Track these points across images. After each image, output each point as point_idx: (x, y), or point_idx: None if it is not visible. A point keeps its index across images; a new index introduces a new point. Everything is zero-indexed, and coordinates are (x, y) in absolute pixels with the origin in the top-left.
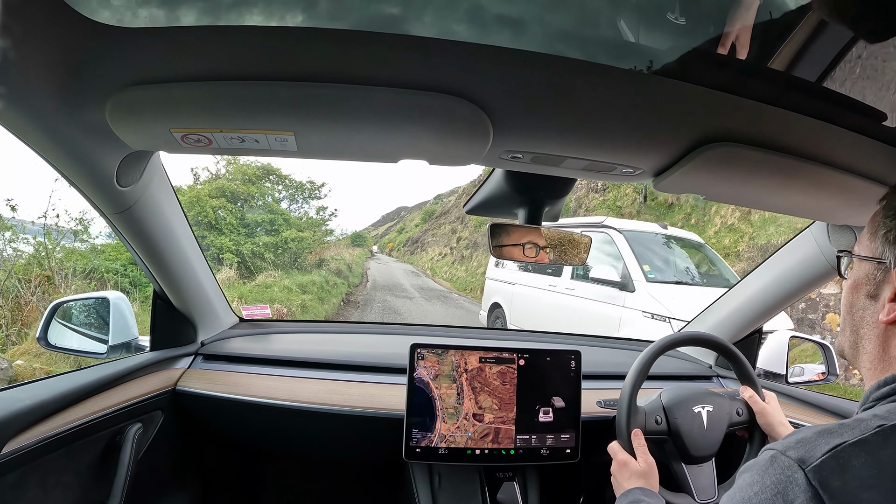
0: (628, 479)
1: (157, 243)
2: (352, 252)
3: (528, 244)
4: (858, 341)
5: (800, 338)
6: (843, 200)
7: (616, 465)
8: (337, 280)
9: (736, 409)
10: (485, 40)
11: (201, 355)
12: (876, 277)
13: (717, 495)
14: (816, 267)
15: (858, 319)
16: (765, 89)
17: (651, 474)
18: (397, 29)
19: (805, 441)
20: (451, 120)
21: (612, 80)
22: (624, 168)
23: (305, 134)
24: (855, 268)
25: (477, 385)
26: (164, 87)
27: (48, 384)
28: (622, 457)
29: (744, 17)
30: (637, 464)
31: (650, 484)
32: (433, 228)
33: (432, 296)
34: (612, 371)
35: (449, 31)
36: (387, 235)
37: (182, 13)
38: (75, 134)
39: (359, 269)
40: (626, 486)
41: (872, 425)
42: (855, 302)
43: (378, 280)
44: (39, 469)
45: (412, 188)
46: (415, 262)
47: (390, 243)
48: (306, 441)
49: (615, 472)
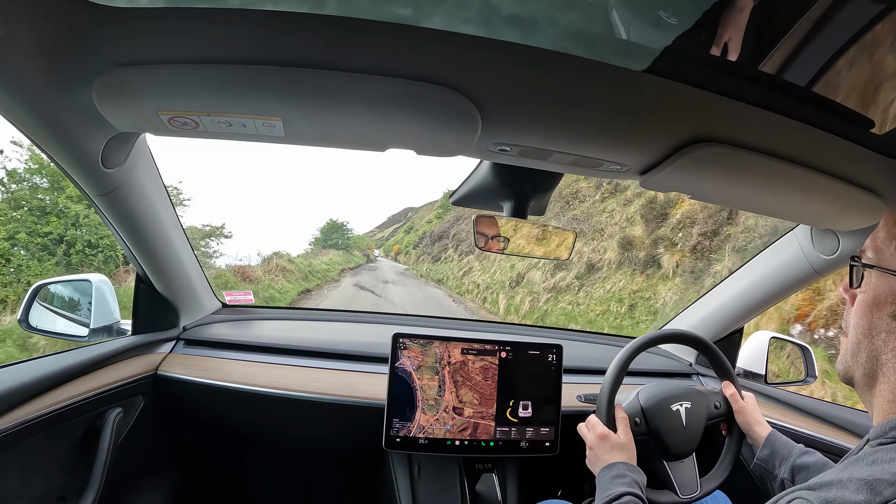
0: (609, 451)
1: (140, 226)
2: (322, 258)
3: (513, 238)
4: (878, 369)
5: (780, 339)
6: (829, 206)
7: (594, 438)
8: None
9: (714, 403)
10: (476, 32)
11: (183, 340)
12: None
13: (699, 489)
14: (799, 270)
15: (880, 344)
16: (755, 92)
17: (631, 449)
18: (389, 17)
19: (844, 502)
20: (440, 110)
21: (603, 77)
22: (611, 164)
23: (293, 119)
24: (875, 281)
25: (459, 378)
26: (153, 68)
27: (28, 367)
28: (601, 430)
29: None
30: (617, 436)
31: (630, 458)
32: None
33: None
34: (593, 365)
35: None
36: (393, 237)
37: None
38: (61, 113)
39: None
40: (608, 458)
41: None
42: (875, 323)
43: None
44: (19, 453)
45: (419, 188)
46: (442, 276)
47: (396, 245)
48: (286, 428)
49: (594, 446)
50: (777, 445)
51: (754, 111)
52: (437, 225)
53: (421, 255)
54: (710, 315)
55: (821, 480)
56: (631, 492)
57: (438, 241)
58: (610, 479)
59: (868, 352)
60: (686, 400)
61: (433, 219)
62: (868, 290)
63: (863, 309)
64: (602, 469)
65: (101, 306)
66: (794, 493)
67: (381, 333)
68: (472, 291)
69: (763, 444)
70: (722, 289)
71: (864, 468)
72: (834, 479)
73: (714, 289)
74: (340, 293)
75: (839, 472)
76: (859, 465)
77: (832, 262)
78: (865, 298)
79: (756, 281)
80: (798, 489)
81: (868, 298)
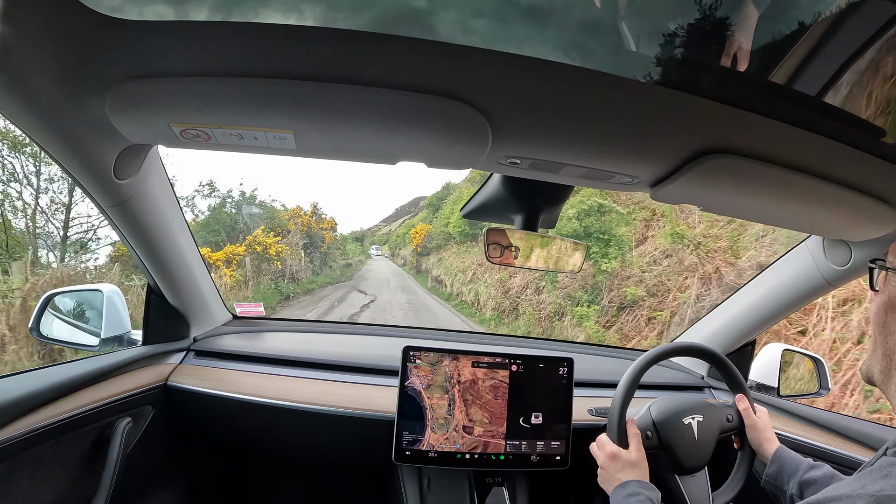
0: (621, 469)
1: (152, 237)
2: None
3: (525, 250)
4: (892, 367)
5: (793, 351)
6: (840, 215)
7: (605, 457)
8: None
9: (727, 416)
10: (486, 45)
11: (193, 351)
12: None
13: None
14: (811, 281)
15: (893, 343)
16: (765, 102)
17: (643, 465)
18: (399, 30)
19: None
20: (450, 123)
21: (613, 89)
22: (622, 177)
23: (304, 133)
24: (891, 282)
25: (469, 397)
26: (165, 80)
27: (39, 375)
28: (611, 448)
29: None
30: (628, 453)
31: (642, 475)
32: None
33: None
34: (604, 379)
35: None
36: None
37: (189, 8)
38: (75, 125)
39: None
40: (620, 477)
41: None
42: (890, 323)
43: None
44: (28, 461)
45: (430, 177)
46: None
47: (415, 231)
48: (296, 440)
49: (605, 466)
50: (785, 461)
51: (765, 122)
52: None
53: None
54: (722, 327)
55: (831, 494)
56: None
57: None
58: (623, 499)
59: (883, 350)
60: (698, 413)
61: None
62: (885, 291)
63: (880, 308)
64: (615, 488)
65: (111, 316)
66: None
67: (391, 346)
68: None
69: (771, 461)
70: (734, 301)
71: (877, 481)
72: (843, 494)
73: (726, 301)
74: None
75: (851, 484)
76: (872, 478)
77: (844, 272)
78: (882, 299)
79: (768, 292)
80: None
81: (884, 299)
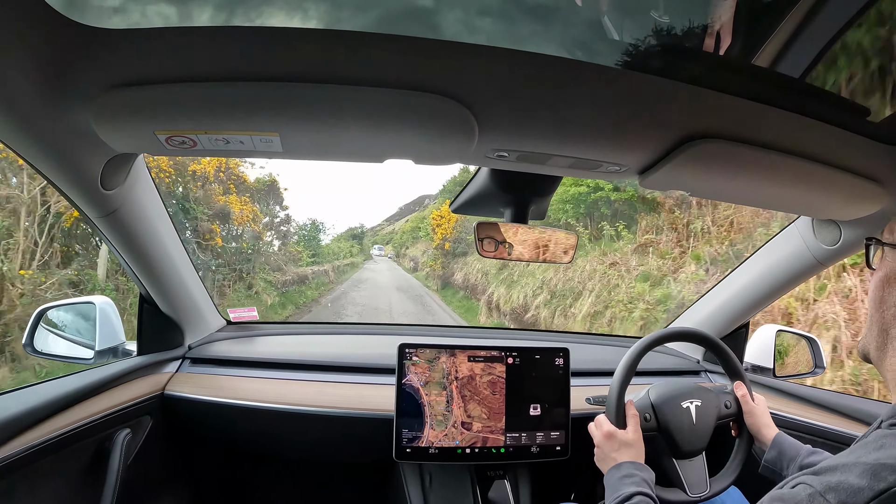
0: (617, 449)
1: (142, 246)
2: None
3: (515, 243)
4: (888, 342)
5: (787, 331)
6: (829, 195)
7: (602, 436)
8: None
9: (724, 402)
10: (469, 39)
11: (189, 359)
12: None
13: (708, 489)
14: (802, 262)
15: (890, 318)
16: (749, 86)
17: (639, 446)
18: (381, 29)
19: (847, 486)
20: (436, 119)
21: (597, 78)
22: (609, 165)
23: (290, 134)
24: (887, 258)
25: (467, 393)
26: (149, 88)
27: (35, 391)
28: (607, 427)
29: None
30: (625, 433)
31: (638, 456)
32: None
33: None
34: (601, 367)
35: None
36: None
37: (166, 15)
38: (59, 137)
39: None
40: (616, 457)
41: None
42: (886, 297)
43: None
44: (28, 477)
45: (435, 174)
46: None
47: (438, 216)
48: (296, 443)
49: (601, 445)
50: (784, 446)
51: (750, 105)
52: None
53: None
54: (716, 311)
55: (826, 465)
56: (641, 491)
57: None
58: (618, 480)
59: (879, 325)
60: (696, 398)
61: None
62: (882, 267)
63: (876, 285)
64: (610, 469)
65: (105, 328)
66: (798, 477)
67: (386, 344)
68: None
69: (770, 446)
70: (726, 284)
71: (871, 452)
72: (839, 464)
73: (718, 285)
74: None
75: (846, 455)
76: (867, 449)
77: (834, 251)
78: (879, 275)
79: (760, 275)
80: (803, 474)
81: (881, 274)
